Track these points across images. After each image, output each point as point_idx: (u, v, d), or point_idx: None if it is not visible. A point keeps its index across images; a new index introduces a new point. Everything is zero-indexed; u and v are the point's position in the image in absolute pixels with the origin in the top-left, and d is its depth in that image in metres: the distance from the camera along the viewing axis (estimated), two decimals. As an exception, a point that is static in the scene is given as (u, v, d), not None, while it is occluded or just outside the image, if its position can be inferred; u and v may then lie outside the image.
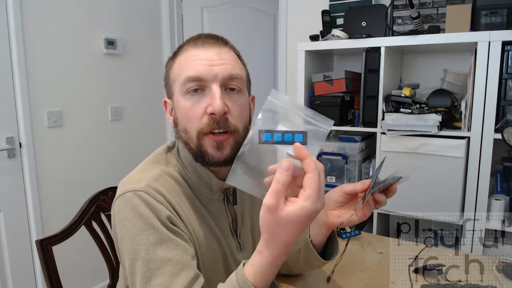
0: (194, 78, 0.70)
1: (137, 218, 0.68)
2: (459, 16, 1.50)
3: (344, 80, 1.72)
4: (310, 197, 0.53)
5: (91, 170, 2.19)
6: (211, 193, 0.80)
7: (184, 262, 0.68)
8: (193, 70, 0.70)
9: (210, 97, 0.70)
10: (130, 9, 2.35)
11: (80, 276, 2.11)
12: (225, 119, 0.70)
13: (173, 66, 0.76)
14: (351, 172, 1.77)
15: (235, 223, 0.85)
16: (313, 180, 0.53)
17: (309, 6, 2.07)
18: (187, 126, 0.73)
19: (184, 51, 0.75)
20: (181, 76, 0.72)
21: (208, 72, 0.70)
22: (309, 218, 0.54)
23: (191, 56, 0.72)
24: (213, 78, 0.70)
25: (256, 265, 0.58)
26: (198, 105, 0.71)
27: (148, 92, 2.52)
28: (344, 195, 0.75)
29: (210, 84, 0.70)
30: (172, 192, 0.74)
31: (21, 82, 1.82)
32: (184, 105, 0.72)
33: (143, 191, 0.70)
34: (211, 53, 0.72)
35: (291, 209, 0.53)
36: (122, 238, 0.69)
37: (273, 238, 0.56)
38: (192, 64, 0.71)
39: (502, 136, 1.36)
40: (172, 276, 0.66)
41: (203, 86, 0.71)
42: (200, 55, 0.72)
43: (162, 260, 0.66)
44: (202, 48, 0.73)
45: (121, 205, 0.70)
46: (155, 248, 0.67)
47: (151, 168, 0.76)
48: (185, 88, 0.71)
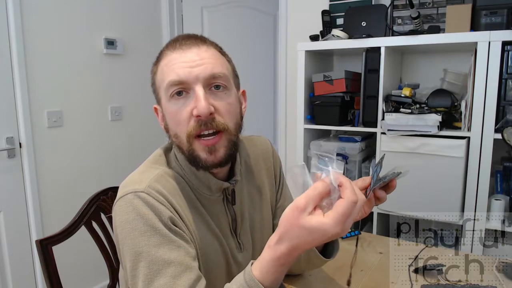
0: (176, 82, 0.70)
1: (138, 219, 0.68)
2: (459, 16, 1.50)
3: (344, 80, 1.72)
4: (333, 218, 0.53)
5: (91, 170, 2.19)
6: (210, 193, 0.80)
7: (186, 264, 0.67)
8: (174, 74, 0.70)
9: (194, 99, 0.70)
10: (130, 9, 2.36)
11: (80, 276, 2.11)
12: (212, 119, 0.70)
13: (157, 72, 0.76)
14: (351, 172, 1.77)
15: (235, 223, 0.85)
16: (343, 206, 0.53)
17: (309, 6, 2.07)
18: (176, 131, 0.73)
19: (164, 55, 0.74)
20: (163, 81, 0.72)
21: (189, 74, 0.70)
22: (323, 235, 0.54)
23: (171, 60, 0.72)
24: (194, 79, 0.70)
25: (262, 260, 0.59)
26: (184, 109, 0.71)
27: (148, 92, 2.48)
28: None
29: (193, 86, 0.70)
30: (173, 192, 0.74)
31: (21, 82, 1.82)
32: (171, 110, 0.72)
33: (144, 192, 0.70)
34: (190, 54, 0.71)
35: (313, 218, 0.54)
36: (124, 240, 0.69)
37: (286, 236, 0.56)
38: (173, 68, 0.71)
39: (502, 136, 1.36)
40: (174, 277, 0.65)
41: (186, 89, 0.71)
42: (179, 58, 0.71)
43: (164, 262, 0.66)
44: (181, 50, 0.72)
45: (122, 206, 0.70)
46: (157, 250, 0.67)
47: (152, 169, 0.76)
48: (169, 93, 0.71)
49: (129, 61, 2.37)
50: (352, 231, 1.29)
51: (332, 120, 1.77)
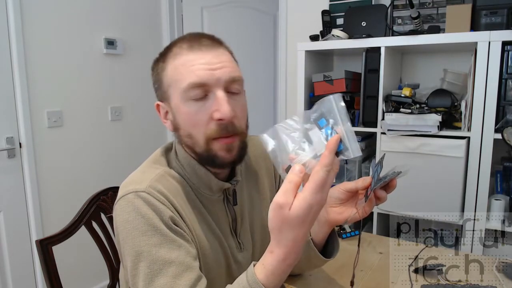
0: (197, 84, 0.69)
1: (139, 219, 0.68)
2: (459, 16, 1.50)
3: (344, 80, 1.72)
4: (309, 188, 0.53)
5: (91, 170, 2.19)
6: (211, 193, 0.80)
7: (186, 263, 0.67)
8: (194, 75, 0.69)
9: (215, 102, 0.69)
10: (130, 9, 2.35)
11: (80, 276, 2.11)
12: (232, 124, 0.71)
13: (166, 69, 0.74)
14: (351, 172, 1.77)
15: (235, 223, 0.85)
16: (317, 174, 0.53)
17: (309, 6, 2.07)
18: (192, 132, 0.73)
19: (178, 54, 0.73)
20: (180, 81, 0.71)
21: (210, 77, 0.69)
22: (310, 210, 0.54)
23: (188, 60, 0.71)
24: (216, 82, 0.70)
25: (267, 264, 0.58)
26: (204, 111, 0.70)
27: (148, 92, 2.50)
28: (345, 192, 0.75)
29: (213, 88, 0.70)
30: (174, 192, 0.74)
31: (21, 82, 1.82)
32: (188, 111, 0.71)
33: (145, 192, 0.69)
34: (209, 56, 0.71)
35: (295, 203, 0.54)
36: (124, 239, 0.69)
37: (281, 236, 0.56)
38: (192, 70, 0.70)
39: (502, 136, 1.36)
40: (175, 277, 0.65)
41: (206, 91, 0.70)
42: (198, 59, 0.70)
43: (165, 261, 0.66)
44: (200, 51, 0.71)
45: (123, 206, 0.70)
46: (158, 250, 0.67)
47: (152, 169, 0.76)
48: (188, 95, 0.70)
49: (129, 61, 2.37)
50: (352, 231, 1.29)
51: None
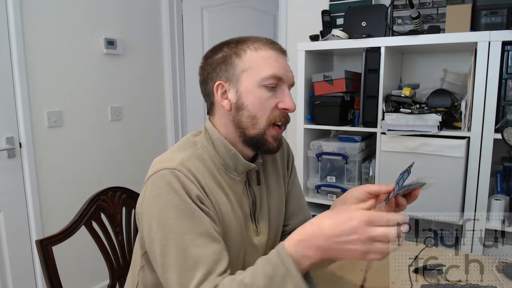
0: (277, 77, 0.81)
1: (172, 194, 0.72)
2: (459, 16, 1.50)
3: (344, 80, 1.72)
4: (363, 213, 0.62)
5: (91, 170, 2.19)
6: (236, 174, 0.85)
7: (214, 236, 0.73)
8: (277, 70, 0.81)
9: (283, 95, 0.82)
10: (130, 9, 2.36)
11: (80, 276, 2.11)
12: (288, 115, 0.85)
13: (244, 55, 0.81)
14: (351, 172, 1.77)
15: (254, 206, 0.89)
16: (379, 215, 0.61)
17: (309, 6, 2.07)
18: (257, 114, 0.81)
19: (261, 48, 0.82)
20: (262, 70, 0.80)
21: (286, 76, 0.82)
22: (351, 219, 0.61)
23: (271, 56, 0.82)
24: (287, 81, 0.83)
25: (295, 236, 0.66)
26: (273, 99, 0.81)
27: (148, 92, 2.52)
28: (366, 194, 0.77)
29: (283, 85, 0.82)
30: (201, 172, 0.79)
31: (21, 82, 1.82)
32: (261, 96, 0.80)
33: (176, 169, 0.74)
34: (283, 59, 0.84)
35: None
36: (153, 213, 0.73)
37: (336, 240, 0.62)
38: (274, 65, 0.81)
39: (502, 136, 1.36)
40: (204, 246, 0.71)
41: (277, 85, 0.82)
42: (278, 59, 0.82)
43: (194, 233, 0.71)
44: (279, 52, 0.83)
45: (155, 181, 0.74)
46: (188, 223, 0.71)
47: (181, 151, 0.82)
48: (266, 82, 0.80)
49: (129, 61, 2.37)
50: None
51: (332, 120, 1.77)
